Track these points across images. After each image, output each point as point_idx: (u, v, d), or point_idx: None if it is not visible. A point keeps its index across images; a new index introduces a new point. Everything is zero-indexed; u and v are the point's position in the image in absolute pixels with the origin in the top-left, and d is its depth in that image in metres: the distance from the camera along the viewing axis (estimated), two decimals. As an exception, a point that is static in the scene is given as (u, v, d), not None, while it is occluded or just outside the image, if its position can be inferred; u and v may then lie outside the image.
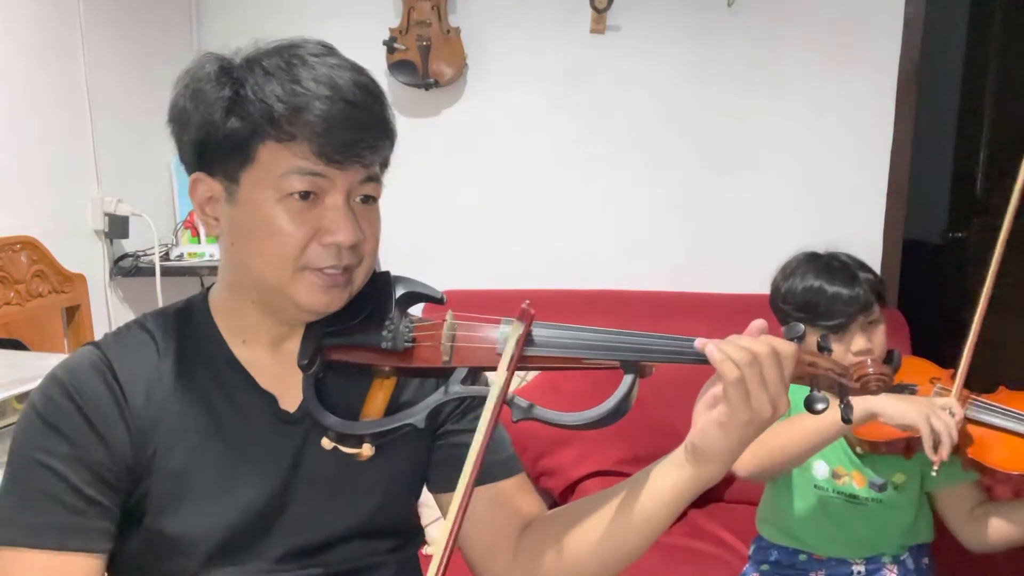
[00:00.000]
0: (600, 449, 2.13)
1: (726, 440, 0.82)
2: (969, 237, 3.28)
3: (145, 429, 0.89)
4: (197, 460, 0.90)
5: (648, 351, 0.82)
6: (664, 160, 2.65)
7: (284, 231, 0.85)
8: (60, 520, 0.85)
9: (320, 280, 0.87)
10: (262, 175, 0.85)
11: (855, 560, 1.62)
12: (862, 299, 1.53)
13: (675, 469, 0.86)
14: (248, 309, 0.93)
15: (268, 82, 0.84)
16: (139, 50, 2.49)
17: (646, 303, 2.46)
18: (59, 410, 0.87)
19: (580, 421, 0.82)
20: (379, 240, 0.93)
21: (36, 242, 2.06)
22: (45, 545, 0.84)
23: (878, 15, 2.50)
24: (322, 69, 0.85)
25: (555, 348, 0.84)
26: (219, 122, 0.85)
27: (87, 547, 0.86)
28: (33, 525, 0.84)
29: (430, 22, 2.55)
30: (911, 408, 1.43)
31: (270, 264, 0.87)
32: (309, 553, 0.94)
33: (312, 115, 0.83)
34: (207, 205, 0.90)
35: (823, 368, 0.81)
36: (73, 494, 0.85)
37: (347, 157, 0.85)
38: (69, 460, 0.86)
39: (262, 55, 0.87)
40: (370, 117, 0.86)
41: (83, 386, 0.88)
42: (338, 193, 0.86)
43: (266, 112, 0.83)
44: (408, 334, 0.88)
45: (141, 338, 0.94)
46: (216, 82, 0.85)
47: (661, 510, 0.87)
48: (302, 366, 0.89)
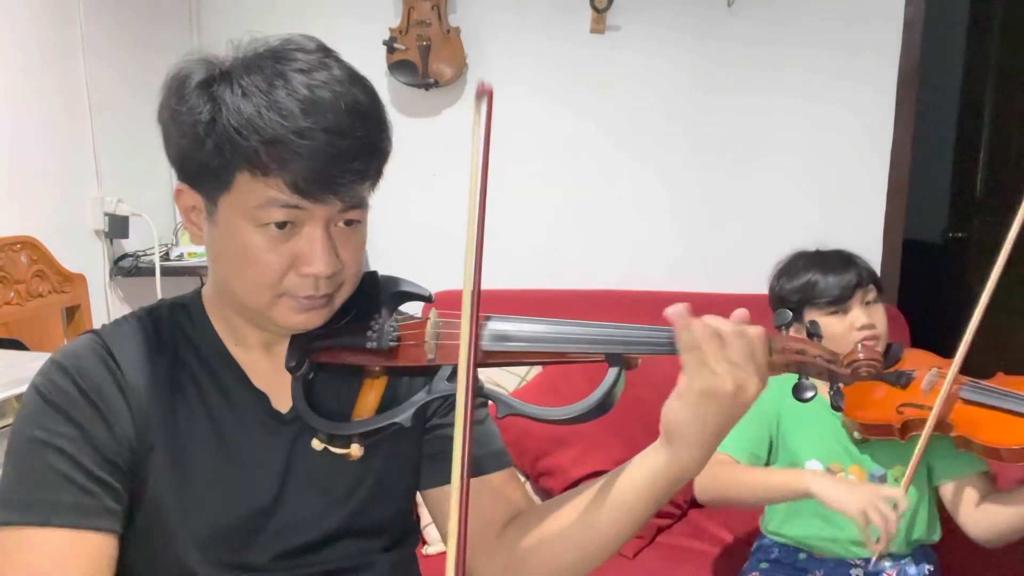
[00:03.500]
0: (600, 449, 2.12)
1: (685, 412, 0.79)
2: (969, 237, 3.28)
3: (146, 416, 0.89)
4: (192, 454, 0.90)
5: (631, 342, 0.81)
6: (664, 160, 2.65)
7: (261, 261, 0.84)
8: (74, 499, 0.84)
9: (298, 305, 0.87)
10: (239, 202, 0.83)
11: (855, 560, 1.62)
12: (857, 277, 1.59)
13: (651, 455, 0.85)
14: (235, 316, 0.94)
15: (246, 104, 0.80)
16: (139, 50, 2.49)
17: (646, 303, 2.45)
18: (63, 393, 0.87)
19: (565, 416, 0.82)
20: (362, 263, 0.91)
21: (36, 242, 2.06)
22: (61, 523, 0.83)
23: (878, 15, 2.50)
24: (304, 91, 0.80)
25: (537, 343, 0.84)
26: (196, 147, 0.82)
27: (101, 526, 0.85)
28: (48, 503, 0.83)
29: (430, 22, 2.55)
30: (850, 497, 1.45)
31: (249, 290, 0.87)
32: (302, 551, 0.94)
33: (288, 150, 0.79)
34: (191, 213, 0.90)
35: (812, 355, 0.80)
36: (83, 474, 0.85)
37: (324, 192, 0.82)
38: (77, 441, 0.85)
39: (246, 64, 0.83)
40: (354, 145, 0.82)
41: (85, 369, 0.88)
42: (316, 224, 0.84)
43: (240, 145, 0.80)
44: (393, 333, 0.88)
45: (139, 328, 0.94)
46: (196, 98, 0.82)
47: (636, 498, 0.85)
48: (290, 368, 0.90)
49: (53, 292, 2.10)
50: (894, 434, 1.51)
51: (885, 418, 1.51)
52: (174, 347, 0.93)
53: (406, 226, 2.69)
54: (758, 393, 0.79)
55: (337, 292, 0.89)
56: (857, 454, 1.61)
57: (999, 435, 1.43)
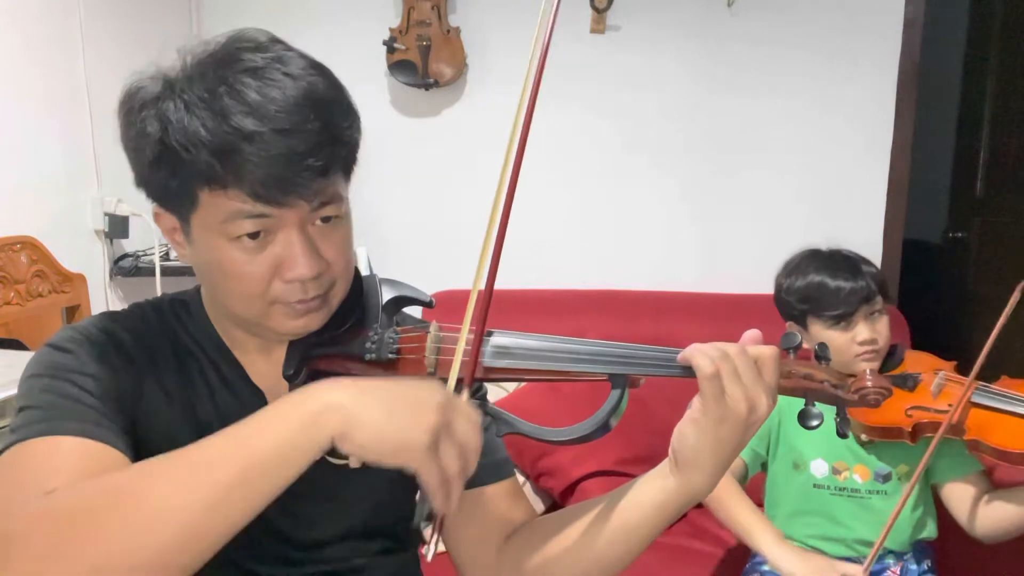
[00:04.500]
0: (600, 449, 2.12)
1: (700, 438, 0.79)
2: (969, 237, 3.28)
3: (149, 390, 0.88)
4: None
5: (635, 363, 0.80)
6: (664, 160, 2.65)
7: (242, 273, 0.82)
8: (85, 413, 0.80)
9: (292, 311, 0.85)
10: (207, 219, 0.81)
11: (859, 559, 1.62)
12: (864, 291, 1.55)
13: (659, 479, 0.84)
14: (232, 324, 0.93)
15: (190, 119, 0.77)
16: (139, 50, 2.48)
17: (646, 303, 2.45)
18: (71, 341, 0.86)
19: (565, 437, 0.81)
20: (351, 259, 0.89)
21: (36, 242, 2.06)
22: (72, 431, 0.78)
23: (878, 15, 2.50)
24: (251, 94, 0.77)
25: (539, 360, 0.82)
26: (153, 170, 0.81)
27: (113, 443, 0.80)
28: (60, 416, 0.79)
29: (430, 22, 2.55)
30: (804, 571, 1.51)
31: (238, 302, 0.85)
32: (302, 554, 0.94)
33: (241, 158, 0.76)
34: (173, 234, 0.88)
35: (819, 380, 0.79)
36: (92, 400, 0.82)
37: (287, 195, 0.78)
38: (85, 375, 0.83)
39: (189, 75, 0.80)
40: (310, 140, 0.77)
41: (92, 336, 0.87)
42: (290, 228, 0.81)
43: (192, 162, 0.77)
44: (393, 345, 0.86)
45: (142, 315, 0.94)
46: (144, 120, 0.80)
47: (643, 521, 0.85)
48: (287, 376, 0.88)
49: (53, 292, 2.10)
50: (904, 437, 1.51)
51: (894, 421, 1.51)
52: (176, 336, 0.93)
53: (406, 226, 2.69)
54: (769, 412, 0.79)
55: (331, 291, 0.87)
56: (863, 454, 1.61)
57: (1009, 439, 1.44)
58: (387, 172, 2.70)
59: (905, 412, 1.52)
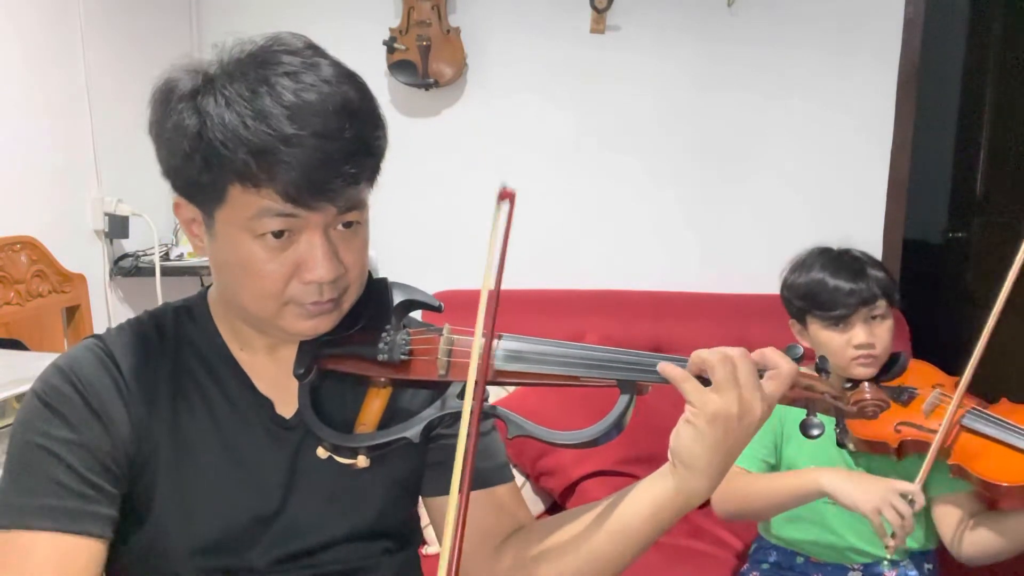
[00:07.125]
0: (600, 449, 2.12)
1: (695, 439, 0.79)
2: (969, 237, 3.28)
3: (147, 422, 0.89)
4: (196, 459, 0.90)
5: (644, 370, 0.81)
6: (664, 160, 2.65)
7: (263, 272, 0.84)
8: (62, 503, 0.84)
9: (305, 312, 0.86)
10: (234, 214, 0.82)
11: (853, 565, 1.62)
12: (864, 293, 1.53)
13: (658, 480, 0.85)
14: (241, 322, 0.93)
15: (230, 115, 0.78)
16: (139, 50, 2.49)
17: (646, 303, 2.46)
18: (61, 395, 0.87)
19: (575, 440, 0.82)
20: (366, 265, 0.91)
21: (36, 242, 2.06)
22: (48, 527, 0.83)
23: (878, 15, 2.50)
24: (290, 96, 0.78)
25: (549, 364, 0.83)
26: (185, 163, 0.81)
27: (89, 531, 0.84)
28: (36, 507, 0.83)
29: (430, 22, 2.55)
30: (865, 496, 1.42)
31: (253, 300, 0.86)
32: (302, 555, 0.94)
33: (276, 160, 0.77)
34: (192, 226, 0.89)
35: (819, 391, 0.81)
36: (75, 478, 0.84)
37: (318, 199, 0.80)
38: (71, 444, 0.85)
39: (229, 72, 0.81)
40: (345, 148, 0.79)
41: (85, 374, 0.88)
42: (314, 230, 0.83)
43: (228, 159, 0.78)
44: (405, 347, 0.87)
45: (142, 333, 0.94)
46: (181, 112, 0.81)
47: (642, 523, 0.85)
48: (298, 375, 0.89)
49: (53, 292, 2.10)
50: (890, 452, 1.48)
51: (882, 435, 1.48)
52: (178, 352, 0.93)
53: (407, 226, 2.69)
54: (764, 416, 0.79)
55: (344, 295, 0.88)
56: (854, 465, 1.60)
57: (996, 470, 1.37)
58: (386, 172, 2.69)
59: (895, 427, 1.49)
